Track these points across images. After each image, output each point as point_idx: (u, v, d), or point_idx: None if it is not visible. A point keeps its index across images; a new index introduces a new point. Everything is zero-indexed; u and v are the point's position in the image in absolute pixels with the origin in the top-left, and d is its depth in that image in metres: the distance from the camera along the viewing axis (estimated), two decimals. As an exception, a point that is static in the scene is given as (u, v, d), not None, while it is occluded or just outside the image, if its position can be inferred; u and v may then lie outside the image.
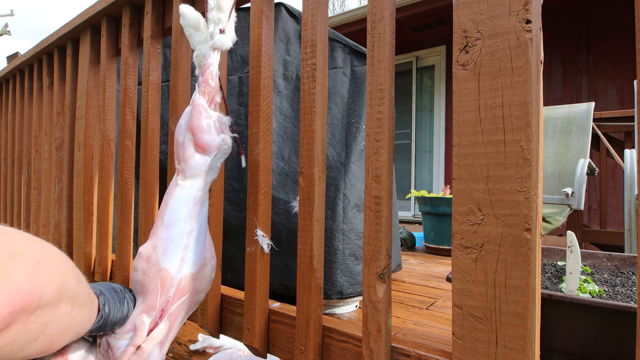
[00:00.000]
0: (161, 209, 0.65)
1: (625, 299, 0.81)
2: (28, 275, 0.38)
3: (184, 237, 0.63)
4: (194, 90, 0.70)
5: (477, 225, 0.46)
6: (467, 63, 0.48)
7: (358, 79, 1.32)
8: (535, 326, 0.44)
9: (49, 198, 1.45)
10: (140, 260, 0.63)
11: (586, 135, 2.01)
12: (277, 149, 1.32)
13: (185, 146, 0.65)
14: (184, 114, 0.67)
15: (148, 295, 0.61)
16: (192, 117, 0.65)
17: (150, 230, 0.66)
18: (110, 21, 1.16)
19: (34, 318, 0.39)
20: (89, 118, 1.22)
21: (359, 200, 1.27)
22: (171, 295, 0.61)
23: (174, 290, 0.61)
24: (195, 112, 0.65)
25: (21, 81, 1.77)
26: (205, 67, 0.66)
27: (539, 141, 0.45)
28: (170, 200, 0.65)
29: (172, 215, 0.64)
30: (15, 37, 73.30)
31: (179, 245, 0.63)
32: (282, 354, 0.73)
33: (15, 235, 0.40)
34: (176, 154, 0.67)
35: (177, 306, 0.62)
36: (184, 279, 0.62)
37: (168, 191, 0.66)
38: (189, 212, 0.65)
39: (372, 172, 0.58)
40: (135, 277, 0.63)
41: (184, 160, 0.65)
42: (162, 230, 0.63)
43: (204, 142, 0.65)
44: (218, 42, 0.67)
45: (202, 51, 0.68)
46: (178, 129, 0.67)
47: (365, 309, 0.58)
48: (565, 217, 1.83)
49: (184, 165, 0.65)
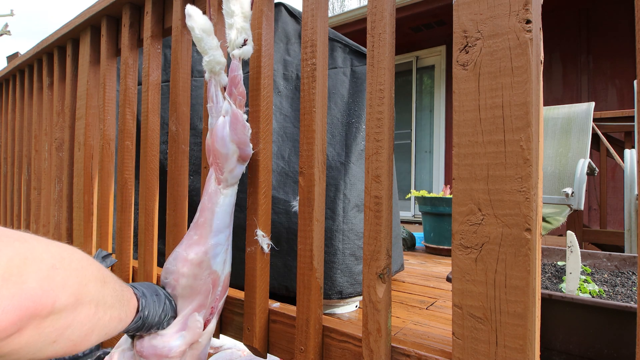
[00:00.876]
0: (206, 215, 0.68)
1: (625, 299, 0.81)
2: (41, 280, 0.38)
3: (226, 241, 0.70)
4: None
5: (477, 225, 0.46)
6: (467, 63, 0.48)
7: (358, 79, 1.32)
8: (535, 326, 0.44)
9: (49, 198, 1.45)
10: (191, 267, 0.66)
11: (586, 135, 2.01)
12: (277, 149, 1.32)
13: (229, 157, 0.68)
14: (222, 125, 0.68)
15: (199, 295, 0.66)
16: (237, 131, 0.68)
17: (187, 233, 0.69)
18: (110, 21, 1.16)
19: (49, 322, 0.39)
20: (89, 118, 1.22)
21: (359, 200, 1.27)
22: (218, 293, 0.69)
23: (220, 288, 0.69)
24: (240, 126, 0.68)
25: (21, 81, 1.77)
26: (236, 79, 0.68)
27: (539, 141, 0.45)
28: (217, 209, 0.69)
29: (220, 222, 0.69)
30: (15, 37, 73.27)
31: (223, 249, 0.69)
32: (282, 354, 0.73)
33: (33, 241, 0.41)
34: (218, 166, 0.69)
35: (222, 302, 0.71)
36: (226, 278, 0.70)
37: (211, 199, 0.69)
38: (230, 219, 0.71)
39: (372, 172, 0.58)
40: (185, 282, 0.66)
41: (229, 171, 0.69)
42: (212, 236, 0.68)
43: (247, 154, 0.70)
44: (246, 53, 0.68)
45: (216, 58, 0.68)
46: (221, 141, 0.68)
47: (365, 309, 0.58)
48: (565, 217, 1.83)
49: (229, 175, 0.69)
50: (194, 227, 0.69)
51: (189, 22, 0.68)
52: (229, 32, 0.67)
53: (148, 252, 0.97)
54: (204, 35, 0.67)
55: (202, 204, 0.69)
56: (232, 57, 0.68)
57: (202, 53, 0.69)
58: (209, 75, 0.70)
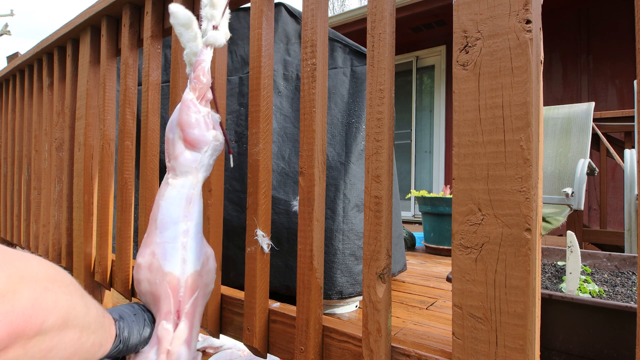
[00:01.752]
0: (153, 210, 0.64)
1: (625, 299, 0.81)
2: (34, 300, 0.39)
3: (179, 238, 0.63)
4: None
5: (477, 225, 0.46)
6: (467, 63, 0.48)
7: (358, 79, 1.32)
8: (535, 326, 0.44)
9: (49, 198, 1.45)
10: (142, 271, 0.62)
11: (586, 135, 2.01)
12: (277, 149, 1.32)
13: (174, 143, 0.64)
14: (175, 110, 0.67)
15: (161, 302, 0.61)
16: (181, 113, 0.64)
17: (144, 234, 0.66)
18: (110, 21, 1.16)
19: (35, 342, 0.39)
20: (89, 118, 1.22)
21: (359, 200, 1.27)
22: (182, 295, 0.62)
23: (184, 290, 0.62)
24: (184, 107, 0.64)
25: (21, 81, 1.77)
26: (197, 63, 0.66)
27: (539, 141, 0.45)
28: (162, 201, 0.63)
29: (165, 216, 0.63)
30: (15, 37, 73.31)
31: (177, 246, 0.62)
32: (282, 354, 0.73)
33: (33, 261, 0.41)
34: (166, 152, 0.66)
35: (191, 304, 0.63)
36: (190, 278, 0.63)
37: (159, 191, 0.65)
38: (182, 212, 0.63)
39: (372, 172, 0.58)
40: (142, 288, 0.62)
41: (174, 157, 0.64)
42: (156, 234, 0.62)
43: (193, 138, 0.64)
44: (210, 38, 0.66)
45: (192, 49, 0.68)
46: (168, 126, 0.66)
47: (365, 309, 0.58)
48: (565, 217, 1.83)
49: (174, 162, 0.64)
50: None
51: (171, 20, 0.67)
52: (202, 23, 0.67)
53: (148, 252, 0.97)
54: (182, 30, 0.67)
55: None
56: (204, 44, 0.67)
57: (183, 47, 0.69)
58: (188, 68, 0.69)
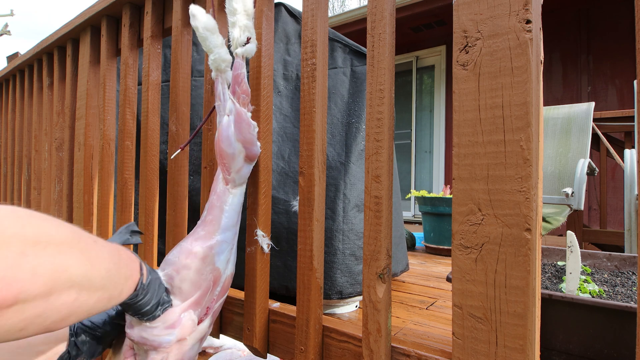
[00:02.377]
0: (215, 213, 0.68)
1: (625, 299, 0.81)
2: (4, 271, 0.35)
3: (232, 240, 0.69)
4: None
5: (477, 225, 0.46)
6: (467, 63, 0.48)
7: (358, 79, 1.32)
8: (535, 326, 0.44)
9: (49, 198, 1.45)
10: (195, 259, 0.65)
11: (586, 135, 2.01)
12: (277, 149, 1.32)
13: (235, 157, 0.69)
14: (226, 124, 0.68)
15: (197, 291, 0.64)
16: (242, 130, 0.68)
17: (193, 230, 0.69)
18: (110, 21, 1.16)
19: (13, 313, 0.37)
20: (89, 118, 1.22)
21: (359, 200, 1.27)
22: (217, 293, 0.67)
23: (220, 288, 0.67)
24: (245, 124, 0.68)
25: (21, 81, 1.77)
26: (240, 77, 0.68)
27: (539, 141, 0.45)
28: (226, 207, 0.69)
29: (228, 220, 0.68)
30: (15, 37, 73.31)
31: (229, 247, 0.68)
32: (282, 354, 0.73)
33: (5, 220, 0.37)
34: (225, 166, 0.69)
35: (220, 304, 0.69)
36: (227, 279, 0.69)
37: (220, 198, 0.69)
38: (238, 218, 0.71)
39: (372, 172, 0.58)
40: (186, 275, 0.64)
41: (236, 171, 0.69)
42: (219, 233, 0.68)
43: (253, 154, 0.71)
44: (250, 51, 0.68)
45: (222, 55, 0.68)
46: (226, 141, 0.68)
47: (365, 309, 0.58)
48: (565, 217, 1.83)
49: (235, 175, 0.69)
50: (201, 224, 0.68)
51: (193, 22, 0.67)
52: (232, 31, 0.67)
53: (148, 252, 0.97)
54: (208, 34, 0.67)
55: (211, 202, 0.69)
56: (235, 55, 0.68)
57: (207, 51, 0.69)
58: (216, 73, 0.69)
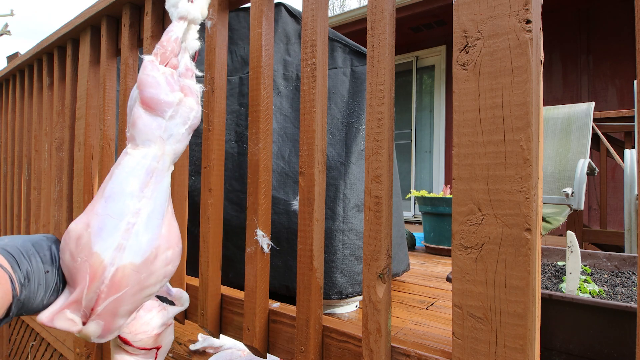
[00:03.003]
0: (105, 180, 0.54)
1: (625, 299, 0.81)
2: None
3: (126, 216, 0.51)
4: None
5: (477, 225, 0.46)
6: (467, 63, 0.48)
7: (358, 79, 1.32)
8: (535, 326, 0.44)
9: (49, 198, 1.45)
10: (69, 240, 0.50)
11: (586, 135, 2.01)
12: (277, 149, 1.32)
13: (132, 108, 0.57)
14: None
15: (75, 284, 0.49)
16: (139, 73, 0.57)
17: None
18: (110, 21, 1.16)
19: None
20: (89, 118, 1.22)
21: (359, 200, 1.27)
22: (103, 289, 0.48)
23: (107, 283, 0.49)
24: (142, 67, 0.57)
25: (21, 81, 1.77)
26: (165, 33, 0.62)
27: (539, 141, 0.45)
28: (116, 170, 0.53)
29: (116, 186, 0.52)
30: (15, 37, 73.30)
31: (119, 225, 0.50)
32: (282, 354, 0.73)
33: None
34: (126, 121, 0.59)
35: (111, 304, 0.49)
36: (120, 270, 0.49)
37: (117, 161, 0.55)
38: (139, 186, 0.53)
39: (372, 172, 0.58)
40: (63, 259, 0.50)
41: (132, 124, 0.55)
42: (100, 204, 0.51)
43: (151, 97, 0.55)
44: (183, 10, 0.62)
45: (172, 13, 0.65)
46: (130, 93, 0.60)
47: (365, 309, 0.58)
48: (565, 217, 1.83)
49: (133, 129, 0.55)
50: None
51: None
52: None
53: (148, 252, 0.97)
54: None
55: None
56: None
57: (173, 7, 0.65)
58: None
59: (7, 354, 2.07)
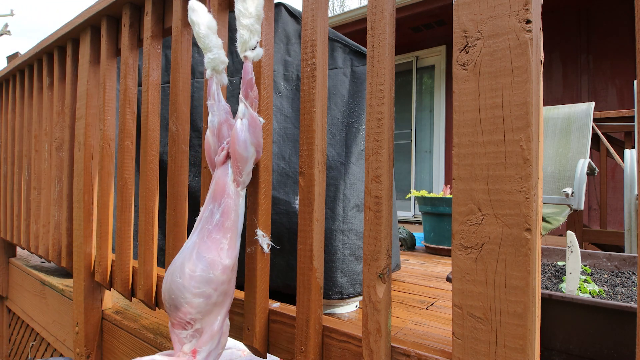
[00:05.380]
0: (233, 218, 0.68)
1: (625, 299, 0.81)
2: None
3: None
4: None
5: (477, 225, 0.46)
6: (467, 63, 0.48)
7: (358, 79, 1.32)
8: (535, 326, 0.44)
9: (49, 198, 1.45)
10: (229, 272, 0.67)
11: (586, 135, 2.01)
12: (277, 150, 1.32)
13: (248, 161, 0.69)
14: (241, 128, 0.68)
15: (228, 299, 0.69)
16: (256, 134, 0.69)
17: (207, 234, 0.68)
18: (110, 21, 1.16)
19: None
20: (89, 118, 1.22)
21: (359, 200, 1.27)
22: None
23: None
24: (258, 129, 0.70)
25: (21, 81, 1.77)
26: (252, 82, 0.68)
27: (539, 141, 0.45)
28: (240, 211, 0.70)
29: (241, 224, 0.70)
30: (15, 37, 73.25)
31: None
32: (282, 354, 0.73)
33: None
34: (238, 168, 0.69)
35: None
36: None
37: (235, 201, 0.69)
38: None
39: (372, 172, 0.58)
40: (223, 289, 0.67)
41: (247, 174, 0.70)
42: (238, 239, 0.69)
43: (260, 156, 0.72)
44: (259, 55, 0.69)
45: (221, 57, 0.68)
46: (242, 144, 0.68)
47: (365, 309, 0.58)
48: (565, 217, 1.83)
49: (246, 177, 0.70)
50: (219, 230, 0.67)
51: (194, 17, 0.67)
52: (242, 32, 0.66)
53: (148, 252, 0.97)
54: (209, 32, 0.67)
55: (226, 205, 0.68)
56: (244, 58, 0.68)
57: (205, 50, 0.68)
58: (211, 73, 0.69)
59: (7, 354, 2.07)
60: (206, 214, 0.69)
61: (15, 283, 1.98)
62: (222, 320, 0.68)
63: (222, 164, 0.70)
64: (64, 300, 1.47)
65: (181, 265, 0.67)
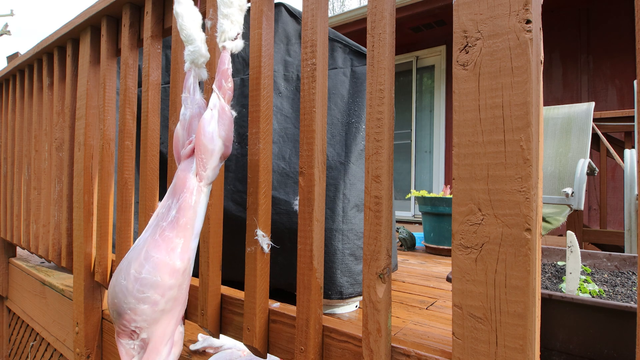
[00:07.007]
0: (188, 216, 0.63)
1: (625, 299, 0.81)
2: None
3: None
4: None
5: (477, 225, 0.46)
6: (467, 63, 0.48)
7: (358, 79, 1.32)
8: (535, 326, 0.44)
9: (49, 198, 1.45)
10: (179, 277, 0.61)
11: (586, 135, 2.01)
12: (277, 150, 1.32)
13: (214, 154, 0.64)
14: (209, 118, 0.64)
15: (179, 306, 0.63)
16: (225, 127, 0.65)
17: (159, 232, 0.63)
18: (110, 21, 1.16)
19: None
20: (89, 118, 1.22)
21: (358, 200, 1.27)
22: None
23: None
24: (228, 121, 0.65)
25: (21, 81, 1.77)
26: (227, 72, 0.65)
27: (539, 141, 0.45)
28: (199, 209, 0.64)
29: (199, 223, 0.64)
30: (15, 37, 73.32)
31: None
32: (282, 354, 0.73)
33: None
34: (202, 161, 0.64)
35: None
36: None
37: (193, 196, 0.64)
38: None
39: (372, 172, 0.58)
40: (171, 294, 0.61)
41: (212, 168, 0.65)
42: (193, 239, 0.63)
43: (228, 153, 0.67)
44: (238, 47, 0.66)
45: (202, 51, 0.67)
46: (208, 136, 0.64)
47: (365, 309, 0.58)
48: (565, 217, 1.83)
49: (211, 172, 0.65)
50: (173, 227, 0.61)
51: (178, 8, 0.66)
52: (223, 22, 0.64)
53: (148, 252, 0.97)
54: (192, 24, 0.66)
55: (184, 201, 0.62)
56: (222, 48, 0.65)
57: (186, 42, 0.67)
58: (190, 65, 0.68)
59: (7, 354, 2.07)
60: (162, 210, 0.64)
61: (16, 283, 1.99)
62: (172, 330, 0.61)
63: (187, 157, 0.66)
64: (64, 300, 1.47)
65: (128, 265, 0.60)
